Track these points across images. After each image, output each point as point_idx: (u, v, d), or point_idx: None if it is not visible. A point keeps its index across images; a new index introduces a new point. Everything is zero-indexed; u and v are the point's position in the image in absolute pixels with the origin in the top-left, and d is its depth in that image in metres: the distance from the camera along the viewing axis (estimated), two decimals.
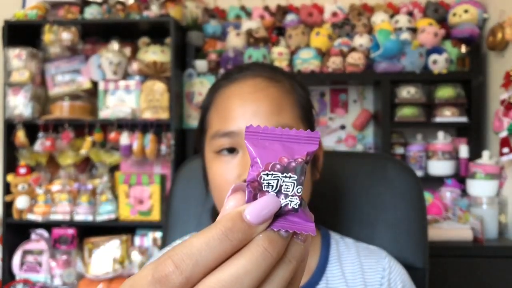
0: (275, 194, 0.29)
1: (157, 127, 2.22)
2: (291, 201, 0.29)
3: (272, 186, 0.29)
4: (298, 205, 0.29)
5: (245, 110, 0.64)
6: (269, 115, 0.64)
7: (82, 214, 2.17)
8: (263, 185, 0.29)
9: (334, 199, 0.88)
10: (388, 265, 0.73)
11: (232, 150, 0.65)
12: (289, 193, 0.29)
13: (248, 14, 2.54)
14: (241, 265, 0.27)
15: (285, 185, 0.29)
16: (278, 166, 0.29)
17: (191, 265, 0.26)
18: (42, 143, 2.21)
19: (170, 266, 0.26)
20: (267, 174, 0.29)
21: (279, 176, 0.29)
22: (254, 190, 0.29)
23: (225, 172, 0.65)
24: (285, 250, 0.28)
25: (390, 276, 0.72)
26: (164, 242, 0.94)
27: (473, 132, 2.28)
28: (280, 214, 0.29)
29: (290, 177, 0.29)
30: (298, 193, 0.29)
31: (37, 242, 2.26)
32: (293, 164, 0.29)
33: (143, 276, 0.27)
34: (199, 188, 0.92)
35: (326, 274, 0.71)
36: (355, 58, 2.26)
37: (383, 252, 0.75)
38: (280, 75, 0.69)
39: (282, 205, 0.29)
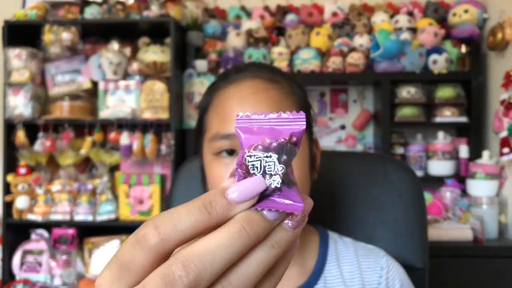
0: (261, 176, 0.29)
1: (157, 127, 2.22)
2: (273, 181, 0.29)
3: (257, 168, 0.29)
4: (280, 183, 0.29)
5: (245, 111, 0.62)
6: None
7: (82, 214, 2.17)
8: (249, 167, 0.29)
9: (334, 199, 0.88)
10: (386, 264, 0.73)
11: (231, 152, 0.65)
12: (272, 173, 0.29)
13: (248, 14, 2.54)
14: (216, 239, 0.27)
15: (268, 165, 0.29)
16: (259, 147, 0.29)
17: (169, 228, 0.27)
18: (42, 143, 2.21)
19: (150, 226, 0.27)
20: (250, 156, 0.29)
21: (261, 157, 0.29)
22: (244, 173, 0.29)
23: (224, 174, 0.64)
24: (269, 234, 0.28)
25: (388, 275, 0.72)
26: None
27: (473, 132, 2.28)
28: (266, 195, 0.29)
29: (270, 156, 0.29)
30: (279, 171, 0.29)
31: (37, 242, 2.26)
32: (274, 144, 0.29)
33: (127, 240, 0.28)
34: (199, 188, 0.92)
35: (324, 273, 0.71)
36: (355, 58, 2.26)
37: (381, 251, 0.75)
38: (279, 76, 0.69)
39: (267, 185, 0.29)
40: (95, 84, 2.32)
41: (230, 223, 0.28)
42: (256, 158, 0.29)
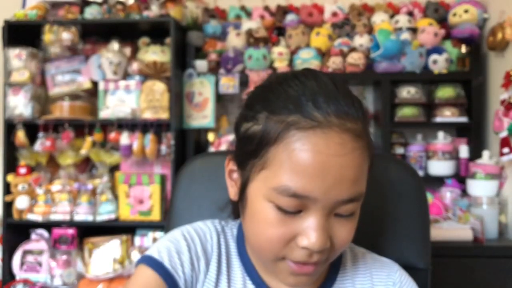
0: None
1: (157, 127, 2.22)
2: None
3: None
4: None
5: (328, 176, 0.55)
6: (352, 184, 0.57)
7: (82, 214, 2.17)
8: None
9: None
10: (399, 280, 0.71)
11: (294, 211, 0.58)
12: None
13: (248, 14, 2.54)
14: None
15: None
16: None
17: None
18: (42, 143, 2.21)
19: None
20: None
21: None
22: None
23: (280, 228, 0.58)
24: None
25: None
26: None
27: (473, 132, 2.28)
28: None
29: None
30: None
31: (37, 242, 2.26)
32: None
33: None
34: (201, 189, 0.92)
35: (337, 283, 0.70)
36: (355, 58, 2.26)
37: (395, 265, 0.73)
38: (361, 123, 0.59)
39: None
40: (95, 84, 2.32)
41: None
42: None
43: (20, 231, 2.27)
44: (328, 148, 0.55)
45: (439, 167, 2.27)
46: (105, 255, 2.19)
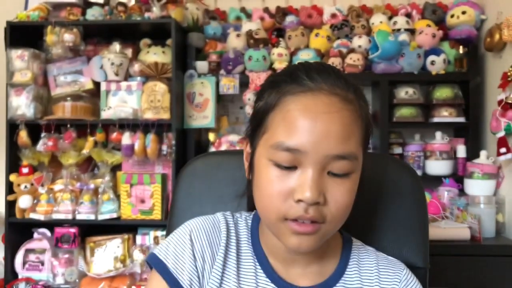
0: None
1: (158, 127, 2.23)
2: None
3: None
4: None
5: (316, 130, 0.61)
6: (339, 140, 0.62)
7: (84, 213, 2.19)
8: None
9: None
10: (405, 278, 0.73)
11: (288, 167, 0.63)
12: None
13: (248, 15, 2.56)
14: None
15: None
16: None
17: None
18: (44, 143, 2.22)
19: None
20: None
21: None
22: None
23: (279, 185, 0.63)
24: None
25: None
26: None
27: (471, 132, 2.30)
28: None
29: None
30: None
31: (40, 241, 2.28)
32: None
33: None
34: (202, 189, 0.93)
35: (344, 278, 0.72)
36: (354, 59, 2.28)
37: (402, 265, 0.75)
38: (352, 94, 0.66)
39: None
40: (97, 85, 2.34)
41: None
42: None
43: (22, 230, 2.29)
44: (316, 106, 0.63)
45: (437, 166, 2.29)
46: (106, 254, 2.21)
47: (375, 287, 0.71)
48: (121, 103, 2.27)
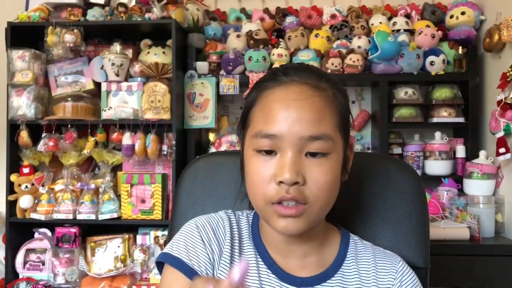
0: None
1: (158, 128, 2.24)
2: None
3: None
4: None
5: (288, 115, 0.67)
6: (311, 123, 0.67)
7: (85, 213, 2.19)
8: None
9: (335, 199, 0.90)
10: (402, 269, 0.75)
11: (270, 151, 0.69)
12: None
13: (248, 16, 2.57)
14: None
15: None
16: None
17: None
18: (45, 143, 2.23)
19: None
20: None
21: None
22: None
23: (262, 170, 0.69)
24: None
25: (402, 279, 0.74)
26: (168, 242, 0.95)
27: (470, 132, 2.31)
28: None
29: None
30: None
31: (40, 241, 2.28)
32: None
33: None
34: (203, 189, 0.94)
35: (342, 269, 0.75)
36: (354, 60, 2.29)
37: (398, 257, 0.78)
38: (325, 83, 0.72)
39: None
40: (97, 85, 2.34)
41: None
42: None
43: (23, 230, 2.30)
44: (288, 95, 0.70)
45: (436, 166, 2.30)
46: (107, 253, 2.21)
47: (372, 279, 0.74)
48: (121, 103, 2.28)
